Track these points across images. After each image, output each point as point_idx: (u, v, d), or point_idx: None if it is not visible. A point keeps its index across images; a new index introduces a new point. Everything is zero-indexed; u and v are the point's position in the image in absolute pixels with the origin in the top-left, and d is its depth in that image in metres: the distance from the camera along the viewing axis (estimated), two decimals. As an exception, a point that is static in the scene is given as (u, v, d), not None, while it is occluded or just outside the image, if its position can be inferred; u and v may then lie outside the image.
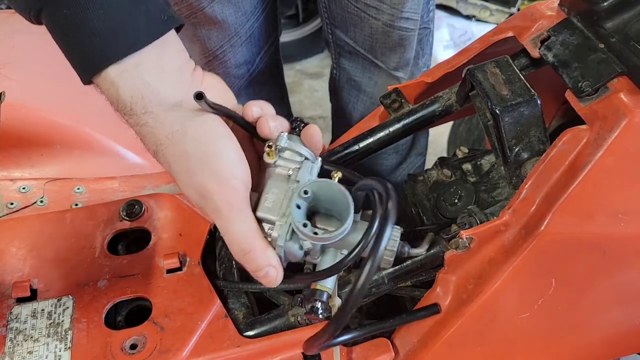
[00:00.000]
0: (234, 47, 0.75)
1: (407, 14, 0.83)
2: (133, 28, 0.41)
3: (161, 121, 0.42)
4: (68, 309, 0.54)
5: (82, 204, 0.68)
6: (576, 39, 0.51)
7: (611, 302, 0.54)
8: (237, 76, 0.80)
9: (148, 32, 0.41)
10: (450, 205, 0.65)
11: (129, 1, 0.41)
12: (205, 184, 0.42)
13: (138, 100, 0.41)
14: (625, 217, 0.48)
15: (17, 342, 0.51)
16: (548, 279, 0.50)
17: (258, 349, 0.52)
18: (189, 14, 0.69)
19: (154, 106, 0.42)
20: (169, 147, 0.42)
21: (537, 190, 0.48)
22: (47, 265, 0.58)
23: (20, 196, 0.68)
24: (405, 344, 0.53)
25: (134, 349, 0.51)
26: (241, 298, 0.58)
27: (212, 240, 0.65)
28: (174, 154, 0.42)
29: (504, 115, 0.50)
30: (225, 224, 0.43)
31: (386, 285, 0.53)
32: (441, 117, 0.66)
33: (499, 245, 0.49)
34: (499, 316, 0.51)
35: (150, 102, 0.42)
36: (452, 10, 2.08)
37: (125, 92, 0.41)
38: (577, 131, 0.47)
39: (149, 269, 0.58)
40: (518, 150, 0.52)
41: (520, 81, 0.51)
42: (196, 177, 0.42)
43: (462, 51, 0.63)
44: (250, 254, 0.43)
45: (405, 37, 0.86)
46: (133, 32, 0.41)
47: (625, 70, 0.47)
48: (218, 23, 0.69)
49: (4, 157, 0.71)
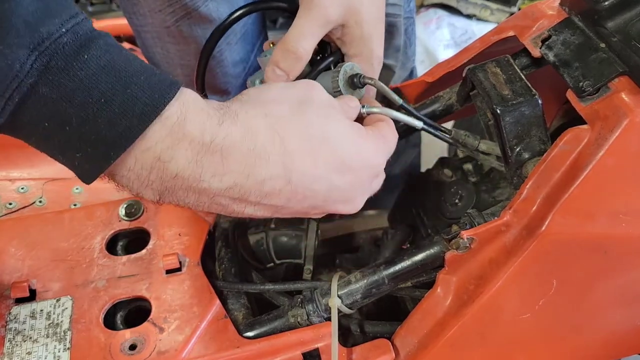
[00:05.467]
0: (230, 45, 0.74)
1: (392, 0, 0.84)
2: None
3: (250, 127, 0.40)
4: (67, 309, 0.54)
5: (81, 204, 0.68)
6: (577, 39, 0.51)
7: (612, 303, 0.53)
8: (235, 75, 0.80)
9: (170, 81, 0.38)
10: (451, 205, 0.65)
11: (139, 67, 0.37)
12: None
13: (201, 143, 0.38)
14: (626, 218, 0.48)
15: (16, 343, 0.51)
16: (549, 279, 0.49)
17: (258, 349, 0.52)
18: (184, 14, 0.68)
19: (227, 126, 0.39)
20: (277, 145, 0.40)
21: (538, 190, 0.48)
22: (46, 266, 0.57)
23: (19, 196, 0.68)
24: (406, 345, 0.53)
25: (133, 350, 0.51)
26: (241, 299, 0.58)
27: (211, 240, 0.65)
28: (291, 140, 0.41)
29: (504, 115, 0.50)
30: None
31: (386, 285, 0.53)
32: (442, 116, 0.65)
33: (500, 246, 0.49)
34: (500, 317, 0.51)
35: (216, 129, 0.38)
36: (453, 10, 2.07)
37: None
38: (578, 131, 0.47)
39: (148, 269, 0.58)
40: (519, 150, 0.51)
41: (521, 81, 0.51)
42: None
43: (463, 51, 0.62)
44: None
45: (393, 23, 0.88)
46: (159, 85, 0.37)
47: (627, 70, 0.46)
48: (213, 21, 0.69)
49: (2, 157, 0.71)
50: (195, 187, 0.39)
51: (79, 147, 0.35)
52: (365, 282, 0.53)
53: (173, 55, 0.76)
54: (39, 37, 0.33)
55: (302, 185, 0.42)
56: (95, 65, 0.34)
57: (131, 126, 0.35)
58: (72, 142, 0.35)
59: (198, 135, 0.37)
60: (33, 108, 0.34)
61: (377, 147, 0.47)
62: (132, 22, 0.75)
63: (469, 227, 0.51)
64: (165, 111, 0.36)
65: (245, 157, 0.39)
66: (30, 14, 0.33)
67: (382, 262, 0.54)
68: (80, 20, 0.35)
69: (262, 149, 0.40)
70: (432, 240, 0.53)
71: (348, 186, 0.45)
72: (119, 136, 0.35)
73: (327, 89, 0.53)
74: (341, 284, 0.54)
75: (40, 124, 0.34)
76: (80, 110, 0.34)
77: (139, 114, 0.35)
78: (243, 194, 0.40)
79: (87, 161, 0.36)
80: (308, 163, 0.42)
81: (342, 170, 0.44)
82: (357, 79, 0.52)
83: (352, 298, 0.53)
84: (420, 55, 1.87)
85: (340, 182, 0.44)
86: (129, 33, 1.50)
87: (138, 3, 0.70)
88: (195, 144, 0.37)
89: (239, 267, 0.63)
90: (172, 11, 0.68)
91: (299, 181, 0.42)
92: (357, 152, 0.45)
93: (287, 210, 0.44)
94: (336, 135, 0.44)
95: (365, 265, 0.55)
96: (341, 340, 0.53)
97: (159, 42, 0.74)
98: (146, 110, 0.35)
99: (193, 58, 0.75)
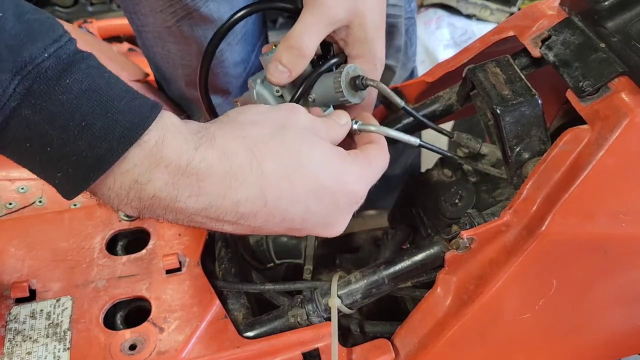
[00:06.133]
0: (230, 46, 0.75)
1: (393, 1, 0.85)
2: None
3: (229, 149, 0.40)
4: (67, 309, 0.54)
5: (80, 204, 0.68)
6: (577, 39, 0.51)
7: (612, 303, 0.53)
8: (235, 75, 0.80)
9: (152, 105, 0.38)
10: (451, 205, 0.65)
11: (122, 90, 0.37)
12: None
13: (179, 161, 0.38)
14: (626, 218, 0.48)
15: (16, 343, 0.51)
16: (549, 279, 0.49)
17: (258, 349, 0.52)
18: (184, 15, 0.68)
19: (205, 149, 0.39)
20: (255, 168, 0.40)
21: (538, 190, 0.48)
22: (45, 266, 0.57)
23: (18, 196, 0.68)
24: (406, 345, 0.53)
25: (133, 350, 0.51)
26: (241, 299, 0.58)
27: (211, 240, 0.65)
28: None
29: (504, 115, 0.50)
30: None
31: (386, 285, 0.53)
32: (442, 116, 0.65)
33: (500, 246, 0.49)
34: (500, 317, 0.51)
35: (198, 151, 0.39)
36: (453, 10, 2.07)
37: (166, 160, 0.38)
38: (578, 131, 0.47)
39: (148, 269, 0.58)
40: (519, 150, 0.52)
41: (521, 81, 0.51)
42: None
43: (463, 51, 0.62)
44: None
45: (393, 24, 0.88)
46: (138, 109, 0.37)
47: (627, 70, 0.46)
48: (214, 22, 0.69)
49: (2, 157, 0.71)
50: (172, 206, 0.39)
51: (60, 167, 0.36)
52: (365, 282, 0.53)
53: (174, 55, 0.76)
54: (21, 62, 0.33)
55: (278, 208, 0.42)
56: (77, 89, 0.35)
57: (111, 149, 0.36)
58: (53, 162, 0.36)
59: (175, 159, 0.38)
60: (15, 129, 0.34)
61: (359, 174, 0.47)
62: (133, 22, 0.75)
63: (469, 227, 0.51)
64: (144, 135, 0.37)
65: (221, 179, 0.40)
66: (13, 38, 0.33)
67: (382, 262, 0.54)
68: (64, 43, 0.35)
69: (239, 171, 0.40)
70: (432, 240, 0.53)
71: (326, 211, 0.45)
72: (99, 158, 0.36)
73: (329, 90, 0.53)
74: (341, 284, 0.54)
75: (23, 144, 0.35)
76: (61, 132, 0.35)
77: (119, 137, 0.36)
78: (219, 215, 0.41)
79: (68, 181, 0.37)
80: (284, 186, 0.42)
81: (319, 195, 0.44)
82: (360, 81, 0.52)
83: (352, 298, 0.53)
84: (420, 55, 1.87)
85: (317, 207, 0.44)
86: (129, 33, 1.50)
87: (139, 3, 0.70)
88: (172, 167, 0.38)
89: (239, 267, 0.63)
90: (173, 11, 0.68)
91: (275, 204, 0.42)
92: (336, 178, 0.44)
93: (265, 230, 0.44)
94: (315, 159, 0.44)
95: (365, 265, 0.55)
96: (341, 340, 0.53)
97: (159, 42, 0.74)
98: (126, 134, 0.36)
99: (194, 58, 0.75)
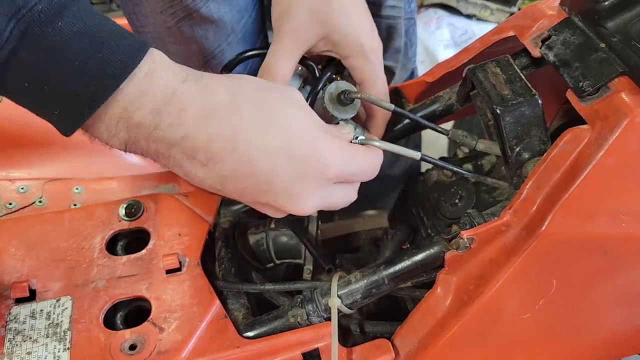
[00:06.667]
0: (230, 46, 0.75)
1: (392, 2, 0.85)
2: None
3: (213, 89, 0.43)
4: (67, 309, 0.54)
5: (80, 204, 0.68)
6: (577, 39, 0.51)
7: (612, 303, 0.53)
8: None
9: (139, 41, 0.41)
10: (451, 205, 0.65)
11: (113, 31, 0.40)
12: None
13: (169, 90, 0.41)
14: (626, 218, 0.48)
15: (15, 343, 0.51)
16: (549, 279, 0.49)
17: (258, 349, 0.52)
18: (185, 15, 0.68)
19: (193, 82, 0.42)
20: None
21: (538, 190, 0.48)
22: (45, 266, 0.57)
23: (18, 196, 0.68)
24: (406, 345, 0.53)
25: (133, 350, 0.51)
26: (241, 299, 0.58)
27: (211, 240, 0.65)
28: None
29: (504, 115, 0.50)
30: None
31: (386, 285, 0.53)
32: (442, 116, 0.65)
33: (500, 246, 0.49)
34: (500, 317, 0.51)
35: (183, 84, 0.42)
36: (453, 10, 2.07)
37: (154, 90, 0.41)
38: (578, 131, 0.47)
39: (148, 269, 0.58)
40: (519, 150, 0.51)
41: (521, 81, 0.51)
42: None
43: (463, 51, 0.62)
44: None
45: (392, 25, 0.88)
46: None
47: (627, 70, 0.46)
48: (215, 22, 0.69)
49: (2, 157, 0.71)
50: (154, 135, 0.42)
51: (57, 105, 0.39)
52: (365, 282, 0.53)
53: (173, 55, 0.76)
54: (15, 6, 0.36)
55: (246, 155, 0.43)
56: (69, 31, 0.37)
57: (103, 86, 0.38)
58: (50, 100, 0.39)
59: (162, 88, 0.41)
60: (14, 70, 0.37)
61: (336, 151, 0.47)
62: (132, 22, 0.75)
63: (469, 227, 0.51)
64: (134, 70, 0.40)
65: (199, 110, 0.42)
66: None
67: (382, 262, 0.54)
68: None
69: (216, 107, 0.42)
70: (432, 240, 0.53)
71: (292, 176, 0.45)
72: (92, 95, 0.38)
73: (319, 112, 0.52)
74: (341, 284, 0.54)
75: (21, 84, 0.38)
76: (56, 72, 0.38)
77: (111, 75, 0.38)
78: (193, 149, 0.42)
79: (65, 117, 0.40)
80: (256, 135, 0.43)
81: (289, 155, 0.44)
82: (344, 96, 0.52)
83: (352, 298, 0.53)
84: (420, 56, 1.87)
85: (284, 167, 0.44)
86: (129, 33, 1.50)
87: (139, 4, 0.70)
88: (158, 96, 0.41)
89: (239, 267, 0.63)
90: (173, 12, 0.69)
91: (244, 150, 0.43)
92: (310, 145, 0.45)
93: (233, 185, 0.45)
94: (293, 121, 0.45)
95: (365, 265, 0.55)
96: (341, 340, 0.53)
97: (159, 42, 0.74)
98: (117, 72, 0.39)
99: (194, 57, 0.75)
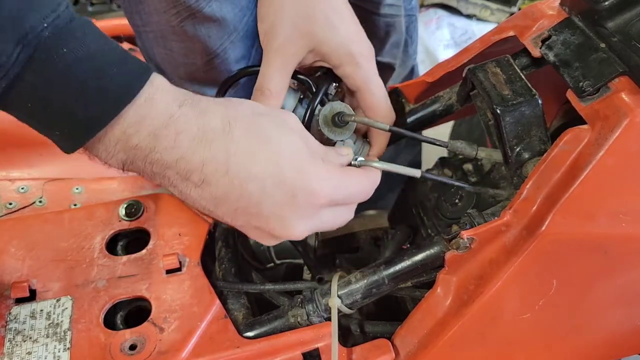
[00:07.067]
0: (233, 44, 0.75)
1: (390, 0, 0.85)
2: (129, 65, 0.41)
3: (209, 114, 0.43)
4: (67, 309, 0.54)
5: (80, 204, 0.68)
6: (577, 39, 0.51)
7: (613, 303, 0.53)
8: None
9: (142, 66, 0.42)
10: (451, 205, 0.65)
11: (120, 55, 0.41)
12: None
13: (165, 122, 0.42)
14: (626, 217, 0.48)
15: (16, 343, 0.51)
16: (549, 279, 0.49)
17: (258, 349, 0.52)
18: (188, 15, 0.68)
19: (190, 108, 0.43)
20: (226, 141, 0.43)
21: (538, 190, 0.48)
22: (46, 266, 0.57)
23: (19, 196, 0.68)
24: (406, 345, 0.53)
25: (133, 350, 0.51)
26: (241, 299, 0.58)
27: (211, 240, 0.65)
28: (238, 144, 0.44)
29: (505, 115, 0.50)
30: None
31: (386, 285, 0.53)
32: (442, 116, 0.65)
33: (500, 246, 0.49)
34: (500, 317, 0.51)
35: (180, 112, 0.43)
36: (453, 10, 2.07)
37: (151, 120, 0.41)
38: (579, 131, 0.47)
39: (148, 269, 0.58)
40: (519, 150, 0.51)
41: (521, 81, 0.51)
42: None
43: (463, 51, 0.62)
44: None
45: (391, 23, 0.88)
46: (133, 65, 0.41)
47: (627, 70, 0.46)
48: (217, 21, 0.69)
49: (2, 157, 0.71)
50: (150, 157, 0.42)
51: (58, 127, 0.40)
52: (365, 282, 0.53)
53: (176, 54, 0.76)
54: (23, 32, 0.36)
55: (237, 178, 0.44)
56: (73, 57, 0.38)
57: (104, 112, 0.40)
58: (52, 122, 0.40)
59: (161, 112, 0.42)
60: (19, 92, 0.38)
61: (325, 178, 0.47)
62: (134, 22, 0.75)
63: (469, 227, 0.51)
64: (135, 97, 0.40)
65: (194, 134, 0.43)
66: (15, 10, 0.36)
67: (382, 262, 0.54)
68: (61, 11, 0.38)
69: (211, 131, 0.43)
70: (432, 240, 0.53)
71: (282, 201, 0.45)
72: (93, 119, 0.40)
73: (318, 137, 0.52)
74: (341, 284, 0.54)
75: (25, 105, 0.39)
76: (59, 96, 0.39)
77: (112, 101, 0.40)
78: (187, 171, 0.43)
79: (67, 138, 0.41)
80: (246, 159, 0.44)
81: (278, 180, 0.45)
82: (338, 118, 0.52)
83: (352, 298, 0.53)
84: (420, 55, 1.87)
85: (273, 192, 0.45)
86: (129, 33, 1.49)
87: (142, 3, 0.70)
88: (156, 121, 0.42)
89: (239, 267, 0.63)
90: (177, 12, 0.68)
91: (235, 173, 0.44)
92: (298, 170, 0.45)
93: (225, 207, 0.46)
94: (282, 146, 0.46)
95: (365, 265, 0.55)
96: (341, 340, 0.53)
97: (162, 41, 0.74)
98: (118, 98, 0.40)
99: (197, 56, 0.75)
